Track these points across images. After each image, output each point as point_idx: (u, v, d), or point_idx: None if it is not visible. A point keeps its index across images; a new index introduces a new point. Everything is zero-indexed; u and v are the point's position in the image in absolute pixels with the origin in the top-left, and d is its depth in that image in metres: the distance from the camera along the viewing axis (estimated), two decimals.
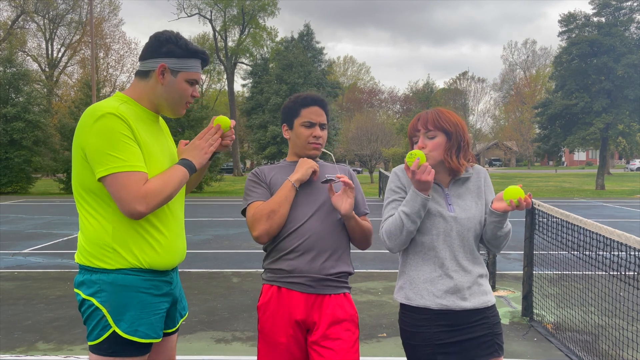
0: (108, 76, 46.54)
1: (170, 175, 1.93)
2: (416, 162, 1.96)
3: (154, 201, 1.85)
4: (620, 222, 13.07)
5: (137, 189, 1.82)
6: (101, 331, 1.87)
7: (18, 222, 13.69)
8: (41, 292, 6.30)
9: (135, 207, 1.81)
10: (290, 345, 2.17)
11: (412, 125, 2.18)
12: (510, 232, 2.14)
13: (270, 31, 50.14)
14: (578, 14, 28.59)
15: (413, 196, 2.01)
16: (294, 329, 2.17)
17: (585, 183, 32.48)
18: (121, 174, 1.81)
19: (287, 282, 2.19)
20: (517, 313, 5.34)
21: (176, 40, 1.97)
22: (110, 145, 1.81)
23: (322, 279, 2.18)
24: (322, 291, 2.19)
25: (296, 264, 2.18)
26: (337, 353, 2.12)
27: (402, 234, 2.05)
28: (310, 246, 2.18)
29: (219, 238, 10.78)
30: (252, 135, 43.74)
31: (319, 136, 2.31)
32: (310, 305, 2.17)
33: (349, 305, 2.24)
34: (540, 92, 62.05)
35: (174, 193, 1.93)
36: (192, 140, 2.11)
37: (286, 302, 2.18)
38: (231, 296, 6.12)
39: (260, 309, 2.24)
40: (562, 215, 4.50)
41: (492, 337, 2.09)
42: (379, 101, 76.94)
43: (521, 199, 1.98)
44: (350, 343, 2.17)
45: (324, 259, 2.19)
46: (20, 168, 25.67)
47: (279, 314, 2.18)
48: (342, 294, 2.23)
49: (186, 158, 2.03)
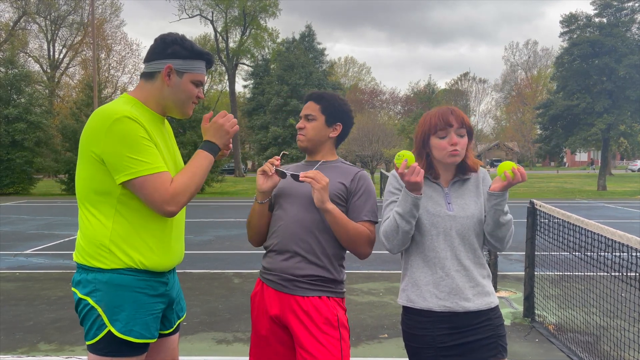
0: (109, 77, 46.67)
1: (195, 167, 1.96)
2: (404, 163, 1.94)
3: (184, 197, 1.90)
4: (622, 222, 13.06)
5: (165, 190, 1.86)
6: (97, 331, 1.88)
7: (20, 223, 13.70)
8: (43, 293, 6.31)
9: (166, 208, 1.87)
10: (270, 339, 2.23)
11: (442, 117, 2.07)
12: (511, 223, 2.09)
13: (272, 32, 50.16)
14: (579, 15, 28.59)
15: (404, 196, 2.00)
16: (270, 324, 2.23)
17: (587, 184, 32.44)
18: (148, 177, 1.84)
19: (265, 279, 2.29)
20: (518, 314, 5.33)
21: (182, 42, 1.99)
22: (131, 149, 1.82)
23: (292, 279, 2.20)
24: (293, 291, 2.19)
25: (272, 262, 2.26)
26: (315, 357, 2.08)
27: (398, 234, 2.04)
28: (285, 246, 2.22)
29: (220, 239, 10.79)
30: (254, 136, 43.80)
31: (301, 127, 2.35)
32: (285, 303, 2.20)
33: (325, 308, 2.17)
34: (542, 93, 62.03)
35: (201, 183, 1.97)
36: (214, 119, 2.06)
37: (265, 297, 2.26)
38: (232, 297, 6.12)
39: (251, 300, 2.36)
40: (563, 216, 4.49)
41: (496, 339, 2.08)
42: (380, 102, 76.91)
43: (514, 168, 1.97)
44: (329, 346, 2.11)
45: (297, 261, 2.20)
46: (21, 169, 25.72)
47: (260, 307, 2.28)
48: (317, 297, 2.18)
49: (209, 139, 2.04)
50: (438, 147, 2.08)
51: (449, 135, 2.06)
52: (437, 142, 2.08)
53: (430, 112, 2.16)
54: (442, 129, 2.06)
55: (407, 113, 70.36)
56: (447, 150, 2.06)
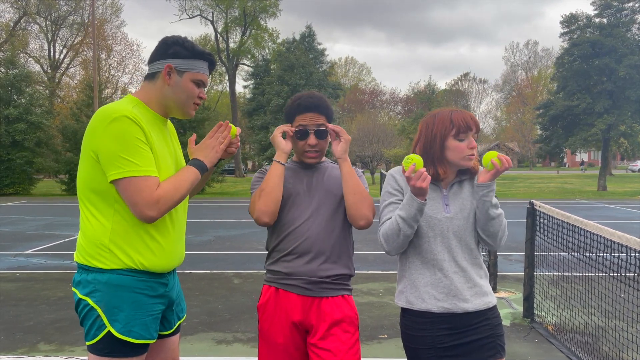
0: (110, 77, 46.67)
1: (181, 179, 1.95)
2: (411, 167, 1.92)
3: (165, 206, 1.88)
4: (622, 223, 13.06)
5: (150, 194, 1.85)
6: (97, 331, 1.89)
7: (20, 223, 13.72)
8: (43, 293, 6.32)
9: (146, 212, 1.85)
10: (288, 346, 2.17)
11: (466, 122, 2.05)
12: (502, 218, 2.07)
13: (272, 32, 50.19)
14: (579, 15, 28.59)
15: (410, 201, 1.99)
16: (291, 330, 2.17)
17: (587, 184, 32.43)
18: (135, 179, 1.83)
19: (284, 284, 2.19)
20: (518, 314, 5.34)
21: (182, 43, 2.01)
22: (124, 149, 1.83)
23: (318, 282, 2.17)
24: (319, 294, 2.17)
25: (293, 266, 2.18)
26: (334, 355, 2.10)
27: (399, 237, 2.04)
28: (307, 248, 2.17)
29: (221, 239, 10.79)
30: (254, 137, 43.78)
31: (314, 144, 2.23)
32: (308, 307, 2.17)
33: (348, 307, 2.21)
34: (542, 93, 62.07)
35: (185, 195, 1.95)
36: (203, 140, 2.11)
37: (283, 303, 2.19)
38: (232, 297, 6.12)
39: (260, 309, 2.25)
40: (563, 216, 4.50)
41: (494, 339, 2.09)
42: (381, 102, 76.97)
43: (500, 155, 1.97)
44: (349, 344, 2.15)
45: (321, 262, 2.18)
46: (22, 169, 25.73)
47: (276, 314, 2.19)
48: (340, 296, 2.21)
49: (197, 158, 2.05)
50: (456, 150, 2.06)
51: (468, 139, 2.06)
52: (455, 144, 2.06)
53: (443, 112, 2.12)
54: (464, 132, 2.06)
55: (408, 113, 70.42)
56: (465, 153, 2.06)
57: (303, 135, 2.22)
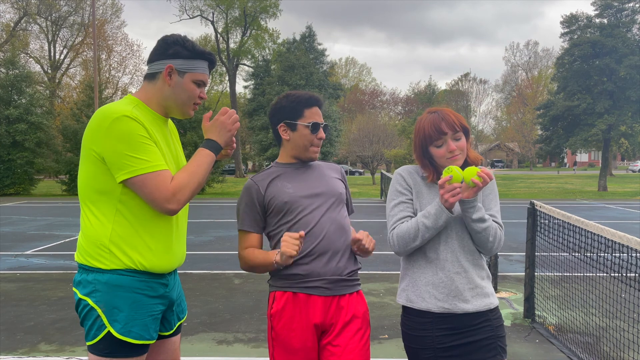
0: (110, 78, 46.68)
1: (195, 165, 1.96)
2: (447, 178, 1.93)
3: (184, 196, 1.89)
4: (622, 223, 13.05)
5: (166, 188, 1.86)
6: (97, 331, 1.89)
7: (20, 223, 13.72)
8: (43, 294, 6.32)
9: (166, 206, 1.86)
10: (308, 350, 2.13)
11: (434, 127, 2.05)
12: (489, 230, 2.03)
13: (272, 33, 50.21)
14: (580, 15, 28.58)
15: (439, 211, 1.99)
16: (312, 333, 2.13)
17: (588, 184, 32.43)
18: (148, 175, 1.84)
19: (303, 287, 2.13)
20: (518, 315, 5.33)
21: (183, 42, 2.00)
22: (130, 147, 1.83)
23: (338, 280, 2.16)
24: (339, 292, 2.17)
25: (312, 268, 2.13)
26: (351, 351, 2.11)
27: (416, 242, 2.05)
28: (325, 248, 2.16)
29: (221, 239, 10.79)
30: (254, 137, 43.79)
31: (322, 138, 2.28)
32: (328, 307, 2.14)
33: (362, 303, 2.24)
34: (542, 94, 62.10)
35: (202, 180, 1.96)
36: (215, 117, 2.08)
37: (303, 307, 2.13)
38: (233, 297, 6.12)
39: (275, 317, 2.15)
40: (563, 216, 4.50)
41: (495, 340, 2.08)
42: (381, 102, 76.98)
43: (479, 172, 1.95)
44: (363, 340, 2.17)
45: (338, 260, 2.17)
46: (22, 170, 25.76)
47: (295, 319, 2.13)
48: (355, 293, 2.23)
49: (210, 138, 2.04)
50: (437, 156, 2.08)
51: (446, 143, 2.05)
52: (435, 151, 2.08)
53: (422, 119, 2.12)
54: (438, 139, 2.06)
55: (408, 114, 70.45)
56: (446, 157, 2.07)
57: (317, 128, 2.24)
